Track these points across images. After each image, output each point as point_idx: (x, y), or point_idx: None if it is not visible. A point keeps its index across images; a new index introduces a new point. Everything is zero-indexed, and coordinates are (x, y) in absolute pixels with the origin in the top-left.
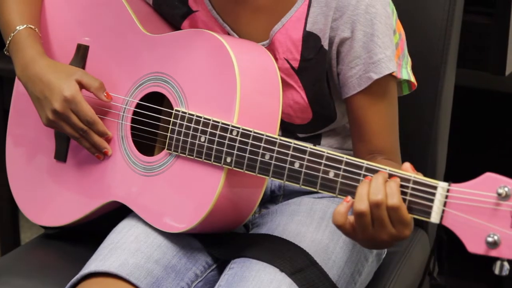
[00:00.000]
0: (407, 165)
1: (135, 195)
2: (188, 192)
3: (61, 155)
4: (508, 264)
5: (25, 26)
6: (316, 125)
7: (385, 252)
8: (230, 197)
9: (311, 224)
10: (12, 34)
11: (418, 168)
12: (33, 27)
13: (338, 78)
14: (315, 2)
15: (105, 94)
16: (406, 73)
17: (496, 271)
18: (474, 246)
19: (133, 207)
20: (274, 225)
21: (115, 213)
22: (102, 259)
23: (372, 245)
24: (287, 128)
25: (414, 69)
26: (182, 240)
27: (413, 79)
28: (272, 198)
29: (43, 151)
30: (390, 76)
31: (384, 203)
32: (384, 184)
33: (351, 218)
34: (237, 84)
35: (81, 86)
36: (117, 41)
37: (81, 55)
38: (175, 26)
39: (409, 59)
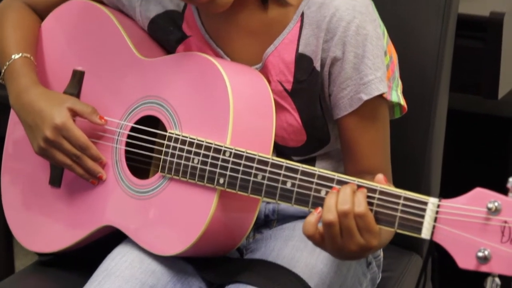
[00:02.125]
0: (380, 176)
1: (129, 219)
2: (181, 214)
3: (55, 181)
4: (499, 280)
5: (20, 55)
6: (310, 148)
7: (380, 277)
8: (223, 219)
9: (305, 248)
10: (7, 63)
11: (411, 190)
12: (28, 55)
13: (329, 99)
14: (306, 24)
15: (99, 118)
16: (396, 96)
17: (487, 287)
18: (465, 261)
19: (127, 231)
20: (268, 250)
21: (110, 238)
22: (96, 285)
23: (341, 256)
24: (281, 151)
25: (407, 93)
26: (176, 266)
27: (403, 102)
28: (266, 222)
29: (38, 177)
30: (381, 97)
31: (351, 212)
32: (352, 194)
33: (321, 228)
34: (230, 105)
35: (75, 113)
36: (112, 65)
37: (76, 80)
38: (170, 51)
39: (400, 82)
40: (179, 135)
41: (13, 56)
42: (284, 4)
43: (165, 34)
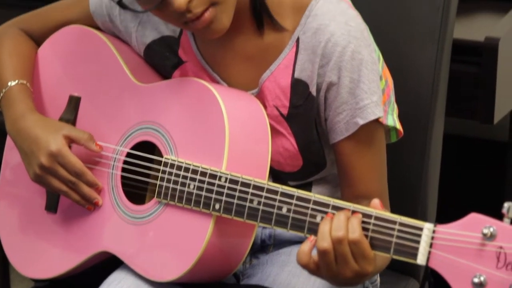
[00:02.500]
0: (376, 201)
1: (125, 244)
2: (177, 240)
3: (51, 207)
4: None
5: (16, 81)
6: (307, 173)
7: None
8: (219, 245)
9: (301, 274)
10: (4, 90)
11: (408, 215)
12: (25, 82)
13: (325, 124)
14: (302, 49)
15: (95, 144)
16: (392, 120)
17: None
18: (461, 287)
19: (123, 257)
20: (264, 276)
21: (106, 264)
22: None
23: (337, 282)
24: (277, 176)
25: (403, 117)
26: None
27: (399, 126)
28: (262, 247)
29: (34, 203)
30: (377, 122)
31: (345, 239)
32: (346, 220)
33: (315, 256)
34: (226, 130)
35: (71, 140)
36: (108, 91)
37: (73, 106)
38: (166, 76)
39: (396, 106)
40: (175, 160)
41: (9, 83)
42: (279, 29)
43: (161, 60)
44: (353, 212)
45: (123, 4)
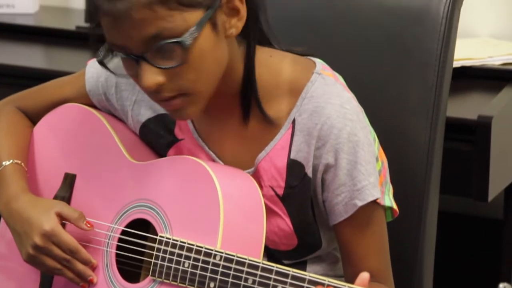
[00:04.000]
0: (364, 275)
1: None
2: None
3: (45, 286)
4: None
5: (11, 161)
6: (302, 252)
7: None
8: None
9: None
10: None
11: None
12: (19, 161)
13: (324, 205)
14: (298, 131)
15: (86, 223)
16: (389, 200)
17: None
18: None
19: None
20: None
21: None
22: None
23: None
24: (272, 254)
25: (398, 195)
26: None
27: (395, 206)
28: None
29: (29, 281)
30: (375, 202)
31: None
32: None
33: None
34: (220, 209)
35: (62, 218)
36: (103, 168)
37: (68, 183)
38: (161, 154)
39: (391, 186)
40: (169, 238)
41: (3, 163)
42: (279, 110)
43: (156, 138)
44: None
45: (103, 63)
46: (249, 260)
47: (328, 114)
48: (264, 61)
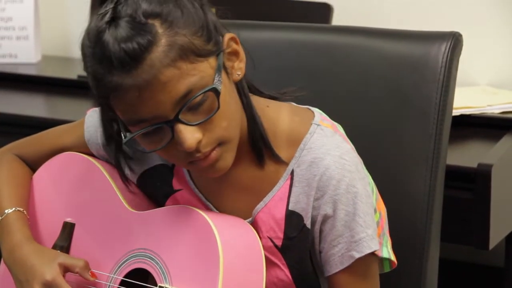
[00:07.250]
0: None
1: None
2: None
3: None
4: None
5: (13, 209)
6: None
7: None
8: None
9: None
10: (0, 218)
11: None
12: (21, 209)
13: (320, 256)
14: (296, 182)
15: (90, 274)
16: (387, 252)
17: None
18: None
19: None
20: None
21: None
22: None
23: None
24: None
25: (399, 244)
26: None
27: (393, 257)
28: None
29: None
30: (372, 254)
31: None
32: None
33: None
34: (220, 259)
35: (66, 269)
36: (102, 218)
37: (67, 232)
38: (159, 204)
39: (389, 238)
40: None
41: (6, 211)
42: (276, 161)
43: (153, 189)
44: None
45: (130, 144)
46: None
47: (326, 165)
48: (261, 111)
